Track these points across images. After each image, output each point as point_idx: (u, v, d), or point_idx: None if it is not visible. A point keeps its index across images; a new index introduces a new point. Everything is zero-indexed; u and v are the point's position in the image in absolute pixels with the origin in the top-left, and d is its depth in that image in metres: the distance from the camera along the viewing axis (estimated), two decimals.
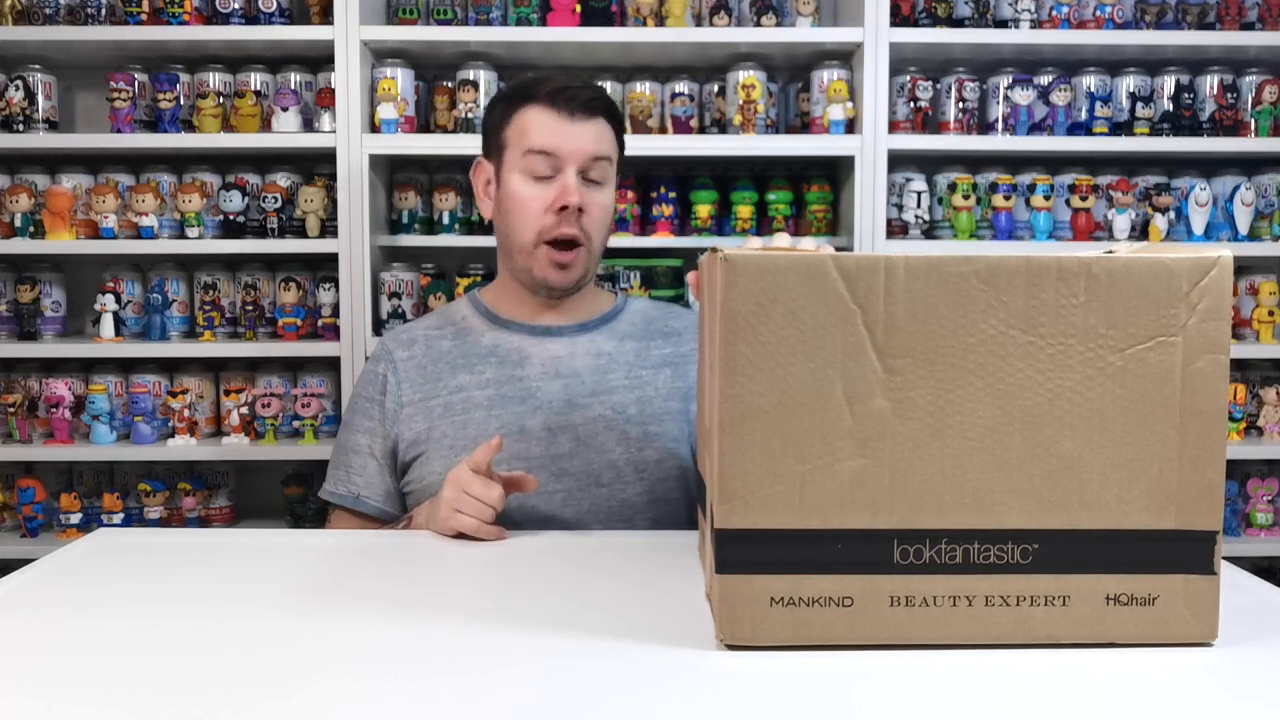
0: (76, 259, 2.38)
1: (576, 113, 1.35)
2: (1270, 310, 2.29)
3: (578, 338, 1.42)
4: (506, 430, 1.35)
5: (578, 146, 1.35)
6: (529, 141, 1.35)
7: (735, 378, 0.78)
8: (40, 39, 2.23)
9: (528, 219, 1.36)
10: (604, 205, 1.39)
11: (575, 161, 1.35)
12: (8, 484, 2.33)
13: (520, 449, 1.34)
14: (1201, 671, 0.78)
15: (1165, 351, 0.78)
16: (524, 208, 1.36)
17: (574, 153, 1.35)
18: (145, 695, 0.72)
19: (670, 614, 0.87)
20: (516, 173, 1.37)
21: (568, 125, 1.35)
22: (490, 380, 1.39)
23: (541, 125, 1.35)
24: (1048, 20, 2.32)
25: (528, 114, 1.37)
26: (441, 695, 0.72)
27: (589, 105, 1.36)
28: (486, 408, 1.37)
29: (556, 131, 1.35)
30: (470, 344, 1.42)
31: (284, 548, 1.13)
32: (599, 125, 1.37)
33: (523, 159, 1.36)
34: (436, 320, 1.48)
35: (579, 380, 1.38)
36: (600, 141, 1.37)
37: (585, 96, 1.36)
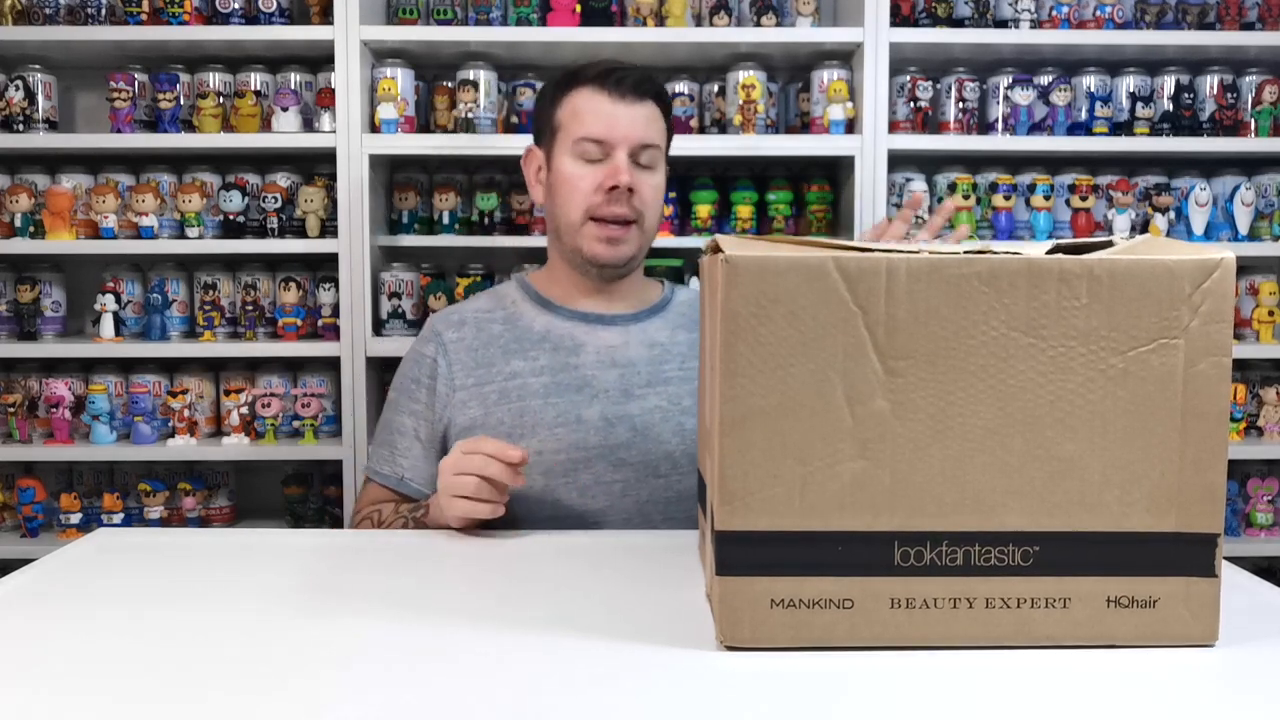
0: (76, 259, 2.38)
1: (627, 95, 1.36)
2: (1270, 310, 2.29)
3: (631, 327, 1.42)
4: (563, 419, 1.34)
5: (628, 130, 1.36)
6: (580, 125, 1.36)
7: (735, 379, 0.78)
8: (40, 39, 2.23)
9: (576, 198, 1.37)
10: (655, 187, 1.39)
11: (626, 145, 1.36)
12: (8, 484, 2.33)
13: (578, 438, 1.34)
14: (1202, 672, 0.78)
15: (1167, 354, 0.78)
16: (573, 187, 1.37)
17: (625, 136, 1.36)
18: (145, 695, 0.72)
19: (670, 614, 0.87)
20: (567, 155, 1.38)
21: (618, 108, 1.36)
22: (545, 367, 1.38)
23: (592, 108, 1.37)
24: (1048, 20, 2.32)
25: (578, 97, 1.38)
26: (441, 694, 0.72)
27: (639, 88, 1.37)
28: (543, 395, 1.36)
29: (607, 114, 1.36)
30: (522, 329, 1.42)
31: (284, 548, 1.13)
32: (649, 109, 1.39)
33: (575, 144, 1.37)
34: (486, 302, 1.47)
35: (634, 370, 1.38)
36: (650, 125, 1.38)
37: (635, 78, 1.37)
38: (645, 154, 1.38)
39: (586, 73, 1.39)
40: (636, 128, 1.36)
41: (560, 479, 1.32)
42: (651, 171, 1.39)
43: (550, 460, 1.32)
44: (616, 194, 1.35)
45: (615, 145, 1.36)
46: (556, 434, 1.34)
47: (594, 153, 1.36)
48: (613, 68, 1.38)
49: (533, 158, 1.47)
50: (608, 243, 1.37)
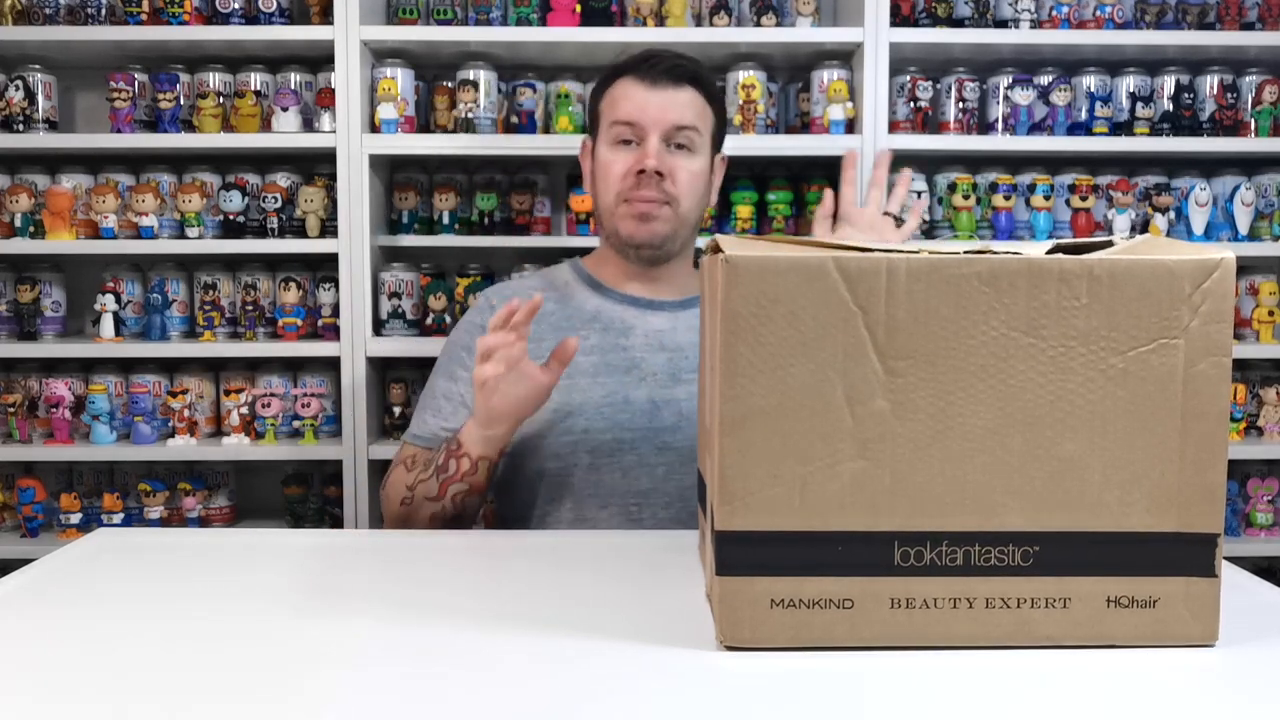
0: (76, 259, 2.38)
1: (659, 80, 1.38)
2: (1270, 310, 2.29)
3: (679, 313, 1.44)
4: (611, 400, 1.37)
5: (659, 114, 1.38)
6: (615, 112, 1.40)
7: (736, 379, 0.78)
8: (40, 39, 2.22)
9: (610, 181, 1.40)
10: (692, 171, 1.40)
11: (657, 129, 1.38)
12: (8, 484, 2.33)
13: (624, 419, 1.35)
14: (1202, 672, 0.78)
15: (1167, 354, 0.78)
16: (608, 171, 1.40)
17: (656, 120, 1.38)
18: (145, 695, 0.72)
19: (670, 614, 0.87)
20: (605, 143, 1.41)
21: (650, 93, 1.38)
22: (595, 347, 1.40)
23: (626, 95, 1.40)
24: (1048, 20, 2.32)
25: (616, 87, 1.42)
26: (441, 695, 0.72)
27: (672, 73, 1.39)
28: (591, 374, 1.38)
29: (638, 100, 1.38)
30: (574, 308, 1.44)
31: (284, 548, 1.13)
32: (685, 93, 1.40)
33: (610, 129, 1.40)
34: (539, 281, 1.51)
35: (683, 355, 1.40)
36: (685, 109, 1.39)
37: (669, 64, 1.39)
38: (681, 136, 1.39)
39: (628, 63, 1.42)
40: (669, 111, 1.38)
41: (605, 459, 1.35)
42: (689, 154, 1.40)
43: (596, 439, 1.34)
44: (645, 178, 1.37)
45: (647, 129, 1.38)
46: (603, 413, 1.36)
47: (627, 135, 1.39)
48: (649, 55, 1.41)
49: (585, 151, 1.50)
50: (639, 219, 1.39)
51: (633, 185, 1.37)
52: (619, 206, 1.39)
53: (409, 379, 2.33)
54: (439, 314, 2.27)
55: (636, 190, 1.37)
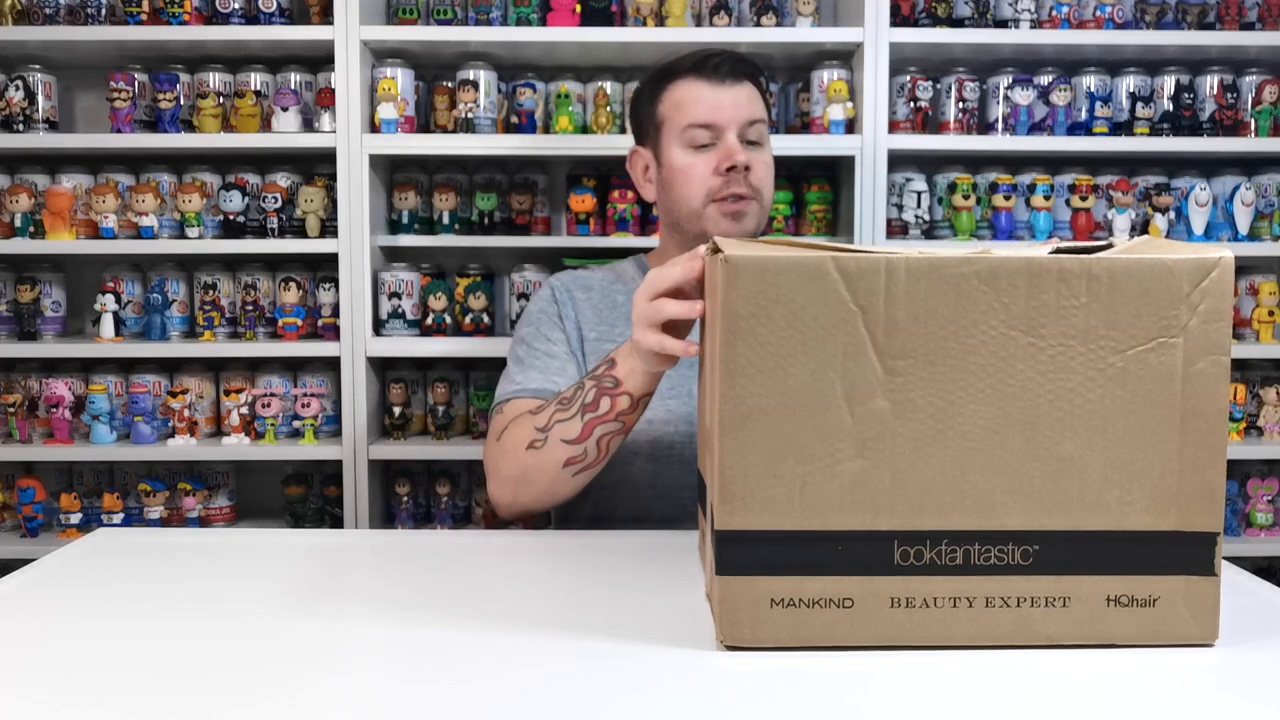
0: (76, 259, 2.38)
1: (726, 78, 1.39)
2: (1270, 310, 2.29)
3: None
4: (675, 391, 1.37)
5: (734, 111, 1.39)
6: (687, 115, 1.39)
7: (735, 379, 0.78)
8: (40, 39, 2.22)
9: (693, 185, 1.39)
10: (767, 163, 1.42)
11: (734, 126, 1.38)
12: (8, 484, 2.33)
13: (687, 412, 1.36)
14: (1202, 672, 0.78)
15: (1166, 353, 0.78)
16: (689, 176, 1.39)
17: (732, 118, 1.38)
18: (145, 695, 0.72)
19: (670, 614, 0.87)
20: (677, 146, 1.41)
21: (720, 91, 1.39)
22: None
23: (696, 97, 1.40)
24: (1048, 20, 2.32)
25: (679, 88, 1.41)
26: (441, 695, 0.72)
27: (736, 70, 1.40)
28: None
29: (711, 100, 1.39)
30: None
31: (283, 548, 1.13)
32: (748, 89, 1.42)
33: (683, 133, 1.40)
34: (608, 275, 1.51)
35: None
36: (753, 104, 1.41)
37: (731, 60, 1.40)
38: (753, 129, 1.40)
39: (681, 65, 1.42)
40: (741, 108, 1.39)
41: (666, 449, 1.35)
42: (760, 148, 1.42)
43: (660, 429, 1.35)
44: (734, 175, 1.37)
45: (724, 127, 1.38)
46: (668, 405, 1.36)
47: (704, 138, 1.39)
48: (708, 54, 1.41)
49: (638, 158, 1.49)
50: (732, 218, 1.39)
51: (723, 184, 1.38)
52: (707, 207, 1.39)
53: (409, 379, 2.33)
54: (439, 314, 2.27)
55: (727, 188, 1.38)
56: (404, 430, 2.28)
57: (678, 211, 1.42)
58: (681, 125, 1.40)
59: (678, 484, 1.34)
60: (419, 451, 2.26)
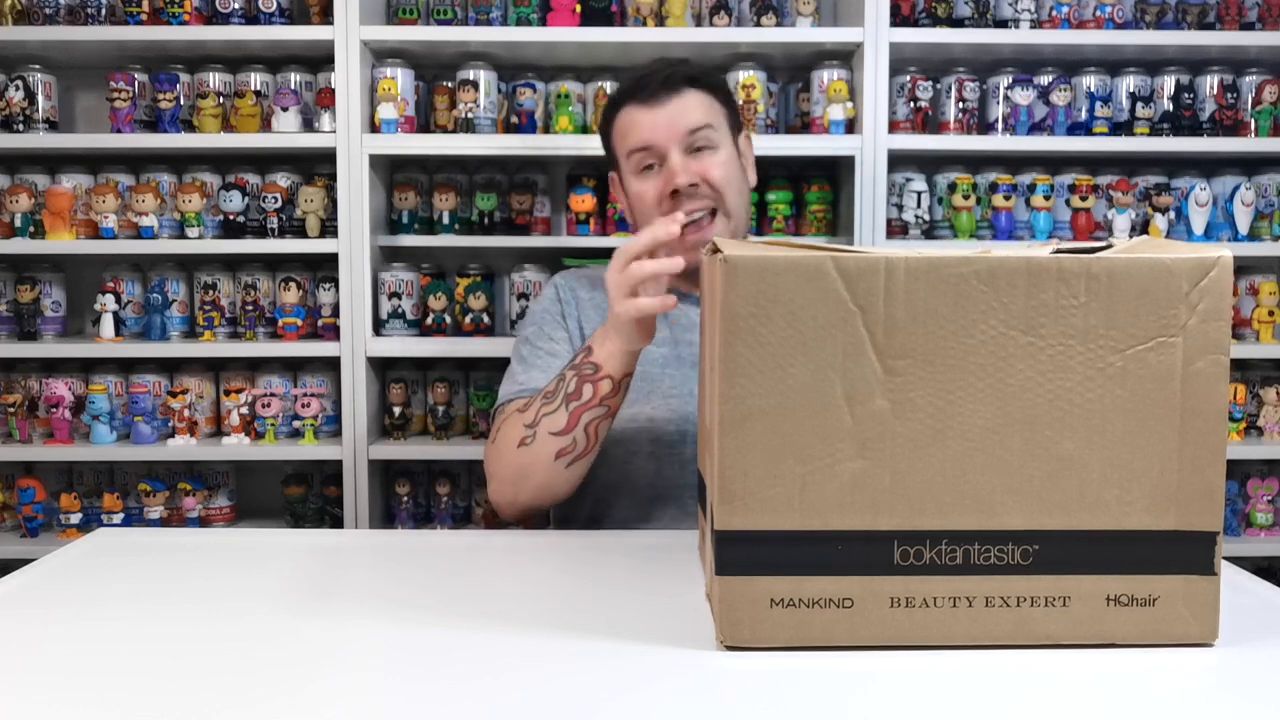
0: (76, 259, 2.38)
1: (657, 95, 1.38)
2: (1270, 310, 2.29)
3: None
4: (677, 390, 1.38)
5: (668, 130, 1.37)
6: (627, 142, 1.40)
7: (735, 379, 0.78)
8: (40, 39, 2.22)
9: (649, 213, 1.39)
10: (723, 163, 1.39)
11: (673, 142, 1.37)
12: (8, 484, 2.33)
13: (689, 411, 1.36)
14: (1202, 672, 0.78)
15: (1165, 352, 0.78)
16: (643, 202, 1.40)
17: (669, 136, 1.37)
18: (145, 695, 0.72)
19: (670, 614, 0.87)
20: (630, 175, 1.41)
21: (652, 113, 1.38)
22: (665, 339, 1.41)
23: (632, 123, 1.40)
24: (1048, 20, 2.32)
25: (621, 117, 1.42)
26: (441, 695, 0.72)
27: (666, 83, 1.39)
28: (660, 365, 1.39)
29: (644, 124, 1.38)
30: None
31: (283, 548, 1.13)
32: (685, 98, 1.39)
33: (628, 160, 1.41)
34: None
35: None
36: (690, 113, 1.39)
37: (660, 77, 1.39)
38: (697, 138, 1.38)
39: (620, 92, 1.43)
40: (678, 120, 1.38)
41: (667, 449, 1.35)
42: (712, 150, 1.39)
43: (662, 428, 1.35)
44: (682, 195, 1.36)
45: (663, 147, 1.37)
46: (670, 403, 1.36)
47: (648, 161, 1.39)
48: (640, 77, 1.40)
49: (615, 186, 1.50)
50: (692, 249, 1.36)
51: (672, 207, 1.36)
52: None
53: (409, 379, 2.33)
54: (439, 314, 2.27)
55: (677, 208, 1.36)
56: (404, 430, 2.28)
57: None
58: (625, 153, 1.40)
59: (678, 484, 1.34)
60: (419, 451, 2.26)
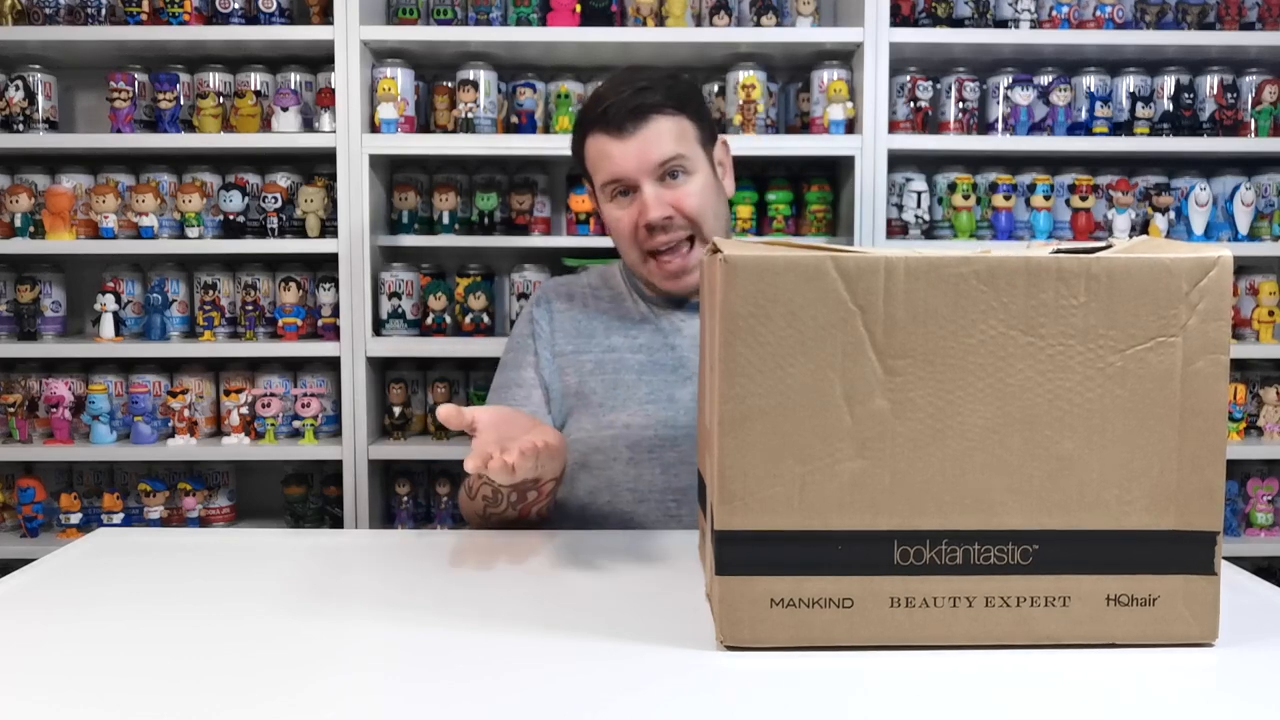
0: (76, 259, 2.38)
1: (625, 127, 1.33)
2: (1270, 310, 2.29)
3: None
4: (655, 395, 1.37)
5: (638, 162, 1.33)
6: (600, 172, 1.38)
7: (735, 379, 0.78)
8: (40, 39, 2.23)
9: (624, 241, 1.39)
10: (695, 192, 1.35)
11: (643, 175, 1.34)
12: (8, 484, 2.33)
13: (668, 416, 1.36)
14: (1202, 672, 0.78)
15: (1165, 352, 0.78)
16: (618, 231, 1.39)
17: (640, 168, 1.33)
18: (145, 695, 0.72)
19: (670, 614, 0.87)
20: (604, 200, 1.40)
21: (622, 144, 1.33)
22: (643, 345, 1.41)
23: (603, 155, 1.36)
24: (1048, 20, 2.32)
25: (591, 145, 1.38)
26: (441, 695, 0.72)
27: (636, 114, 1.33)
28: (637, 371, 1.39)
29: (614, 155, 1.34)
30: (626, 309, 1.45)
31: (283, 548, 1.13)
32: (653, 126, 1.34)
33: (602, 189, 1.39)
34: (595, 279, 1.51)
35: None
36: (661, 143, 1.33)
37: (629, 107, 1.33)
38: (670, 166, 1.34)
39: (588, 116, 1.37)
40: (648, 152, 1.33)
41: (646, 454, 1.35)
42: (686, 176, 1.36)
43: (639, 434, 1.35)
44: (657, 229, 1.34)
45: (636, 180, 1.34)
46: (647, 410, 1.36)
47: (622, 189, 1.37)
48: (608, 105, 1.34)
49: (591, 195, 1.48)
50: (673, 278, 1.38)
51: (646, 237, 1.36)
52: (647, 262, 1.38)
53: (409, 379, 2.33)
54: (439, 314, 2.27)
55: (652, 240, 1.35)
56: (404, 430, 2.29)
57: (624, 257, 1.43)
58: (600, 182, 1.38)
59: (658, 487, 1.34)
60: (419, 451, 2.26)
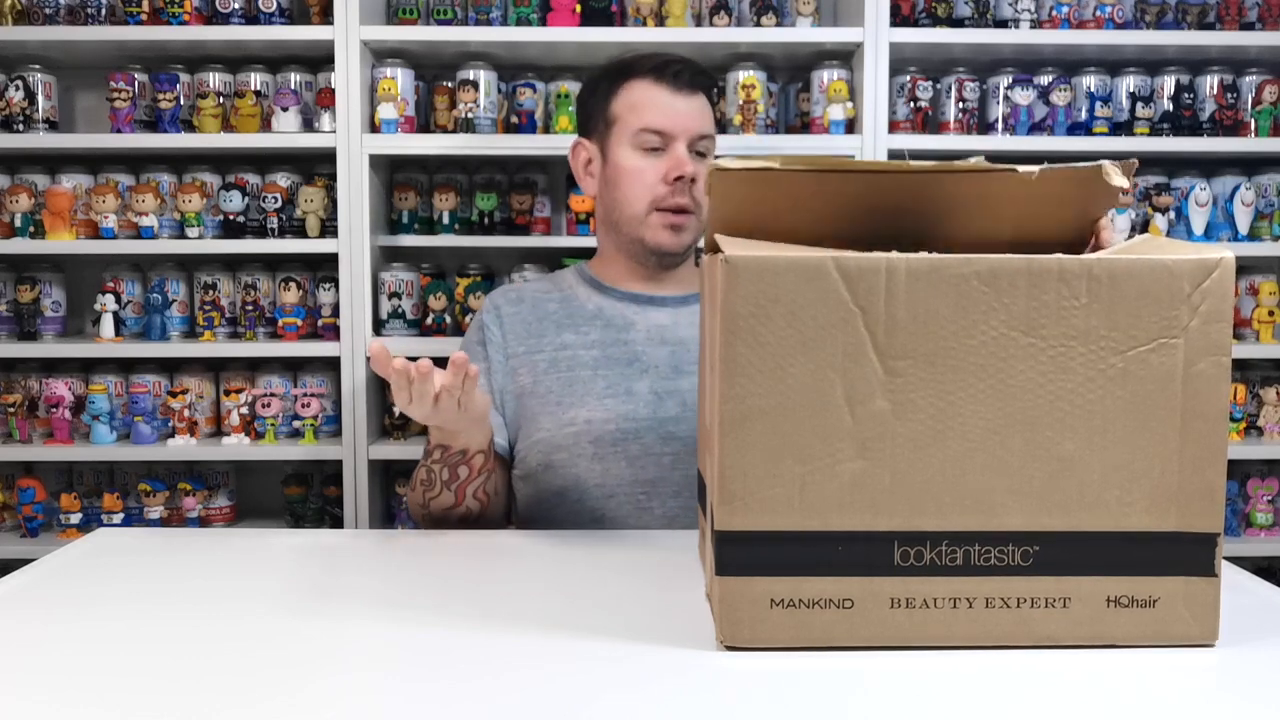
0: (76, 259, 2.38)
1: (683, 88, 1.40)
2: (1270, 310, 2.29)
3: (680, 309, 1.45)
4: (613, 390, 1.37)
5: (689, 121, 1.39)
6: (642, 118, 1.39)
7: (735, 379, 0.78)
8: (40, 39, 2.22)
9: (639, 190, 1.39)
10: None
11: (686, 136, 1.39)
12: (8, 484, 2.33)
13: (628, 409, 1.36)
14: (1202, 672, 0.78)
15: (1166, 353, 0.78)
16: (636, 179, 1.39)
17: (685, 128, 1.39)
18: (145, 695, 0.72)
19: (670, 614, 0.87)
20: (627, 147, 1.40)
21: (677, 100, 1.39)
22: (596, 341, 1.42)
23: (652, 101, 1.39)
24: (1048, 20, 2.32)
25: (635, 89, 1.41)
26: (440, 695, 0.72)
27: (694, 81, 1.41)
28: (592, 367, 1.40)
29: (668, 107, 1.39)
30: (575, 306, 1.46)
31: (283, 548, 1.13)
32: (703, 101, 1.42)
33: (635, 135, 1.39)
34: (544, 285, 1.52)
35: (684, 348, 1.41)
36: (705, 117, 1.42)
37: (692, 71, 1.41)
38: (702, 144, 1.41)
39: (642, 65, 1.41)
40: (695, 120, 1.39)
41: (610, 448, 1.35)
42: (706, 160, 1.42)
43: (600, 429, 1.35)
44: (680, 185, 1.38)
45: (676, 137, 1.38)
46: (605, 404, 1.37)
47: (655, 143, 1.39)
48: (668, 60, 1.41)
49: (581, 151, 1.48)
50: (672, 230, 1.40)
51: (669, 193, 1.38)
52: (650, 214, 1.39)
53: None
54: (439, 314, 2.27)
55: (672, 198, 1.38)
56: (404, 430, 2.28)
57: (619, 212, 1.42)
58: (635, 127, 1.39)
59: (625, 480, 1.34)
60: (419, 452, 2.24)
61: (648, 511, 1.34)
